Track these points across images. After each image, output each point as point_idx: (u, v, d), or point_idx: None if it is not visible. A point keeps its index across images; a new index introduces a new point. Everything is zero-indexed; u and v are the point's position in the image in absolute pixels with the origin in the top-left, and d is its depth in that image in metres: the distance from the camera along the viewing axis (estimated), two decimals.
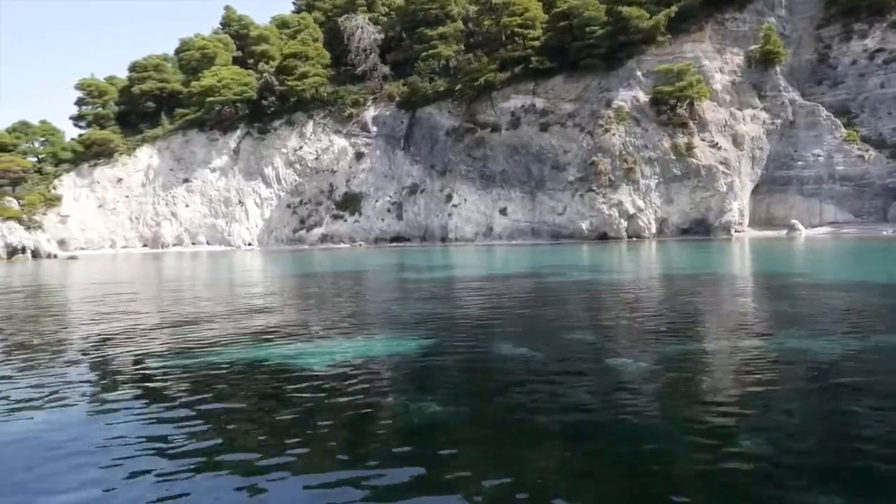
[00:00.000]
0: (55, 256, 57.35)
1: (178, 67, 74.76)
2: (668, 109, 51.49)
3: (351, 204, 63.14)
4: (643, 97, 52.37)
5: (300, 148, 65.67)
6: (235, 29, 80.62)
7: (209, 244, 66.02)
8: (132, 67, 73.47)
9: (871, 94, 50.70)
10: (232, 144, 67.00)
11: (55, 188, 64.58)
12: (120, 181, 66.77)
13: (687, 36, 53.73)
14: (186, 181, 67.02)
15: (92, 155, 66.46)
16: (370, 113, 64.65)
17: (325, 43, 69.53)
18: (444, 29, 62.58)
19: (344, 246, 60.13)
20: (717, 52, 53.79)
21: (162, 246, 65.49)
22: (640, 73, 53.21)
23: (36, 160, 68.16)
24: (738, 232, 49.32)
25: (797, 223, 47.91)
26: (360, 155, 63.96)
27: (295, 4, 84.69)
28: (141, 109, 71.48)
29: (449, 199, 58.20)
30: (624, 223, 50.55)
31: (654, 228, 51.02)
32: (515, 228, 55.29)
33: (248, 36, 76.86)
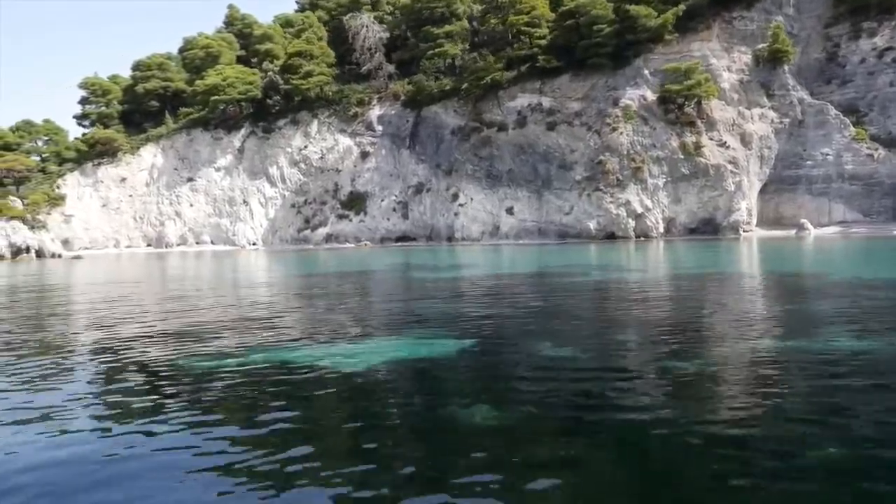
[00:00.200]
0: (59, 256, 57.06)
1: (181, 66, 74.50)
2: (675, 108, 51.23)
3: (356, 203, 62.88)
4: (651, 96, 52.12)
5: (305, 147, 65.41)
6: (239, 28, 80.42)
7: (213, 244, 65.77)
8: (136, 66, 73.23)
9: (880, 92, 50.47)
10: (236, 144, 66.73)
11: (59, 187, 64.31)
12: (124, 180, 66.50)
13: (695, 34, 53.49)
14: (191, 180, 66.76)
15: (96, 154, 66.20)
16: (375, 112, 64.39)
17: (329, 42, 69.30)
18: (450, 27, 62.37)
19: (349, 246, 59.88)
20: (724, 50, 53.54)
21: (166, 245, 65.23)
22: (647, 71, 52.95)
23: (39, 159, 67.91)
24: (746, 231, 49.06)
25: (806, 223, 47.66)
26: (365, 154, 63.70)
27: (298, 3, 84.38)
28: (145, 108, 71.22)
29: (455, 198, 57.95)
30: (632, 223, 50.30)
31: (661, 228, 50.76)
32: (522, 228, 55.04)
33: (251, 35, 76.62)
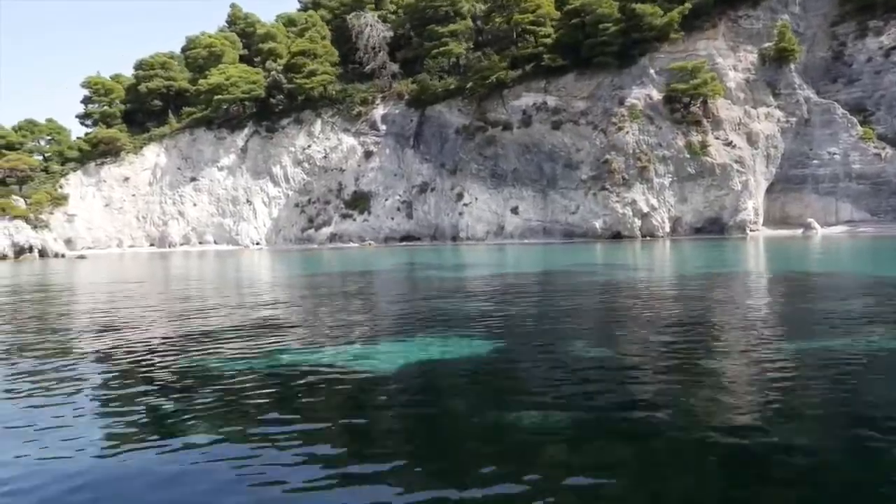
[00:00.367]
0: (63, 256, 56.87)
1: (184, 65, 74.28)
2: (681, 107, 51.07)
3: (360, 203, 62.69)
4: (656, 95, 51.95)
5: (308, 146, 65.23)
6: (241, 27, 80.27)
7: (216, 243, 65.60)
8: (138, 65, 73.00)
9: (887, 91, 50.27)
10: (240, 143, 66.54)
11: (62, 187, 64.13)
12: (127, 180, 66.32)
13: (700, 33, 53.34)
14: (194, 180, 66.57)
15: (98, 154, 66.02)
16: (379, 111, 64.20)
17: (332, 41, 69.08)
18: (454, 26, 62.18)
19: (353, 245, 59.67)
20: (730, 49, 53.38)
21: (169, 245, 65.05)
22: (653, 70, 52.78)
23: (42, 159, 67.70)
24: (752, 231, 48.87)
25: (813, 222, 47.48)
26: (369, 153, 63.52)
27: (301, 2, 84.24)
28: (147, 108, 71.02)
29: (460, 197, 57.75)
30: (638, 222, 50.11)
31: (667, 227, 50.58)
32: (527, 227, 54.85)
33: (254, 34, 76.40)
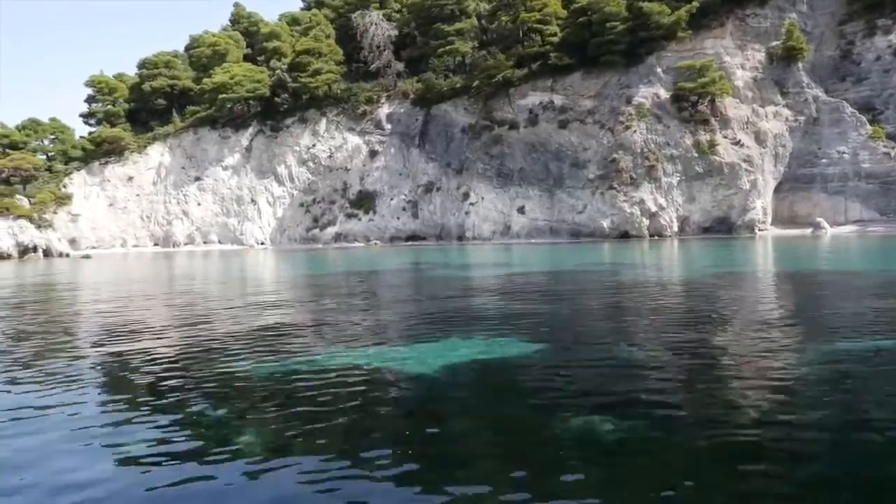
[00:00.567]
0: (67, 255, 56.62)
1: (188, 64, 73.98)
2: (689, 106, 50.79)
3: (365, 202, 62.41)
4: (664, 94, 51.68)
5: (313, 146, 64.94)
6: (245, 26, 79.87)
7: (221, 243, 65.31)
8: (142, 64, 72.70)
9: None
10: (244, 142, 66.27)
11: (65, 186, 63.85)
12: (131, 179, 66.05)
13: (708, 32, 53.08)
14: (198, 179, 66.29)
15: (102, 153, 65.74)
16: (384, 110, 63.92)
17: (336, 40, 68.73)
18: (460, 24, 61.90)
19: (358, 245, 59.39)
20: (738, 48, 53.13)
21: (173, 245, 64.77)
22: (660, 69, 52.51)
23: (46, 158, 67.40)
24: (761, 230, 48.63)
25: (822, 221, 47.23)
26: (374, 153, 63.24)
27: (304, 1, 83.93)
28: (151, 107, 70.72)
29: (466, 197, 57.49)
30: (646, 221, 49.86)
31: (675, 227, 50.32)
32: (534, 227, 54.59)
33: (257, 33, 76.06)
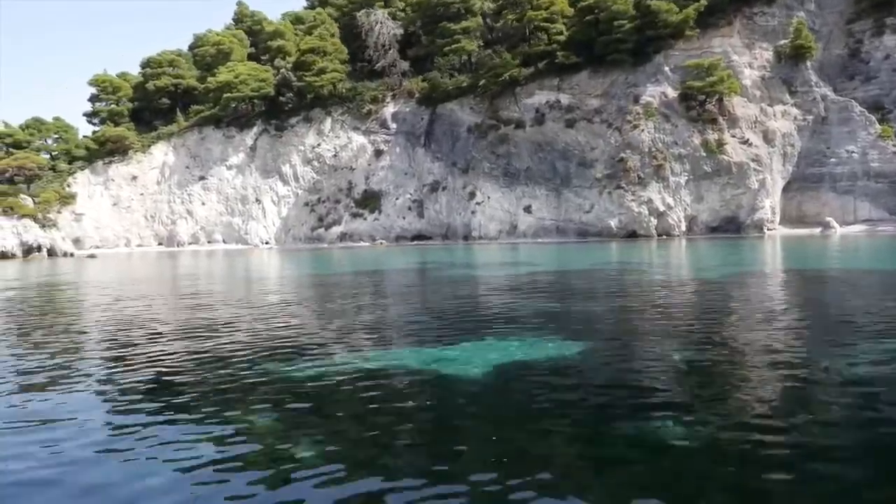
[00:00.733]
0: (71, 255, 56.36)
1: (192, 63, 73.71)
2: (697, 105, 50.53)
3: (370, 202, 62.15)
4: (672, 93, 51.45)
5: (318, 145, 64.68)
6: (248, 25, 79.64)
7: (225, 243, 65.06)
8: (146, 63, 72.44)
9: None
10: (248, 141, 66.00)
11: (69, 186, 63.57)
12: (135, 179, 65.77)
13: (715, 30, 52.87)
14: (202, 179, 66.02)
15: (106, 152, 65.46)
16: (389, 109, 63.67)
17: (340, 39, 68.44)
18: (467, 23, 61.64)
19: (364, 244, 59.11)
20: (745, 46, 52.88)
21: (178, 244, 64.50)
22: (667, 68, 52.28)
23: (49, 157, 67.12)
24: (769, 230, 48.37)
25: (832, 221, 46.95)
26: (379, 152, 62.99)
27: (308, 0, 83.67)
28: (155, 106, 70.44)
29: (472, 196, 57.24)
30: (654, 221, 49.61)
31: (683, 226, 50.06)
32: (540, 227, 54.34)
33: (261, 32, 75.85)
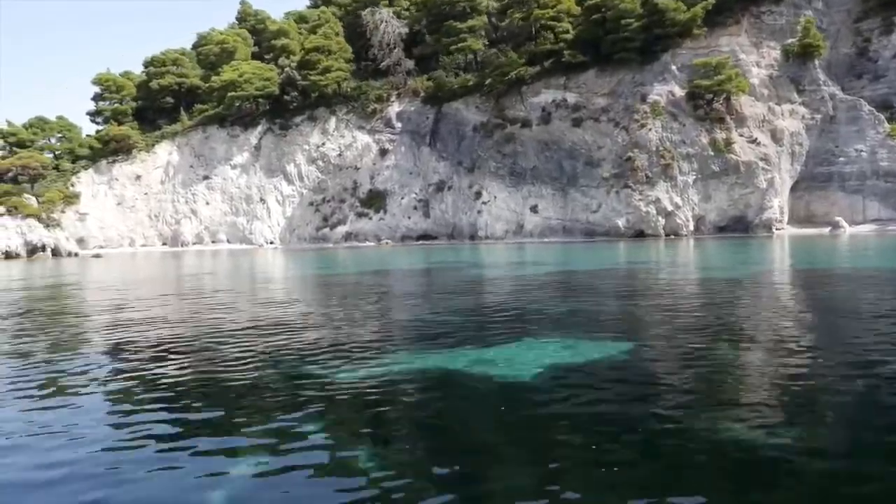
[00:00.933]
0: (76, 255, 56.10)
1: (196, 62, 73.43)
2: (704, 104, 50.33)
3: (376, 201, 61.90)
4: (679, 91, 51.23)
5: (323, 144, 64.43)
6: (252, 24, 79.48)
7: (230, 242, 64.80)
8: (149, 62, 72.15)
9: None
10: (253, 141, 65.74)
11: (73, 185, 63.32)
12: (139, 178, 65.51)
13: (723, 29, 52.69)
14: (206, 178, 65.77)
15: (110, 151, 65.22)
16: (394, 108, 63.40)
17: (344, 37, 68.18)
18: (472, 22, 61.39)
19: (369, 244, 58.86)
20: (753, 45, 52.68)
21: (182, 244, 64.24)
22: (675, 67, 52.08)
23: (53, 157, 66.84)
24: (778, 230, 48.15)
25: (841, 220, 46.73)
26: (384, 151, 62.74)
27: None
28: (159, 105, 70.17)
29: (478, 196, 56.99)
30: (661, 220, 49.37)
31: (691, 226, 49.82)
32: (547, 226, 54.11)
33: (264, 31, 75.68)
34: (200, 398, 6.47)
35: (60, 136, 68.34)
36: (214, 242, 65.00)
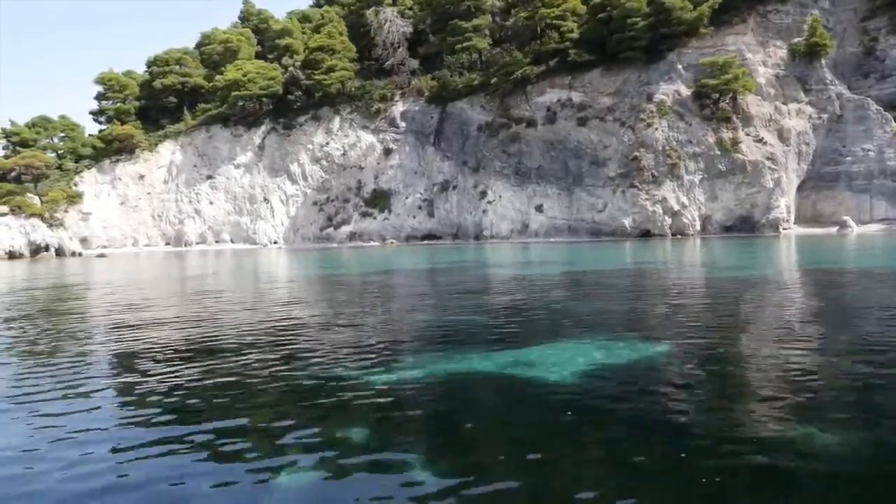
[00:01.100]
0: (80, 255, 55.93)
1: (199, 62, 73.22)
2: (711, 104, 50.07)
3: (380, 201, 61.69)
4: (685, 91, 51.00)
5: (326, 144, 64.22)
6: (255, 23, 79.24)
7: (233, 242, 64.59)
8: (152, 62, 71.95)
9: None
10: (256, 140, 65.54)
11: (76, 185, 63.14)
12: (142, 178, 65.33)
13: (729, 28, 52.43)
14: (210, 178, 65.57)
15: (113, 151, 65.06)
16: (398, 108, 63.19)
17: (348, 37, 67.97)
18: (477, 21, 61.16)
19: (374, 244, 58.66)
20: (759, 44, 52.44)
21: (185, 244, 64.05)
22: (681, 66, 51.83)
23: (56, 156, 66.64)
24: (785, 229, 47.94)
25: (849, 220, 46.51)
26: (388, 151, 62.53)
27: None
28: (162, 104, 69.96)
29: (483, 195, 56.77)
30: (668, 220, 49.15)
31: (698, 226, 49.60)
32: (552, 226, 53.90)
33: (268, 30, 75.43)
34: (229, 402, 6.28)
35: (63, 135, 68.12)
36: (218, 242, 64.81)
